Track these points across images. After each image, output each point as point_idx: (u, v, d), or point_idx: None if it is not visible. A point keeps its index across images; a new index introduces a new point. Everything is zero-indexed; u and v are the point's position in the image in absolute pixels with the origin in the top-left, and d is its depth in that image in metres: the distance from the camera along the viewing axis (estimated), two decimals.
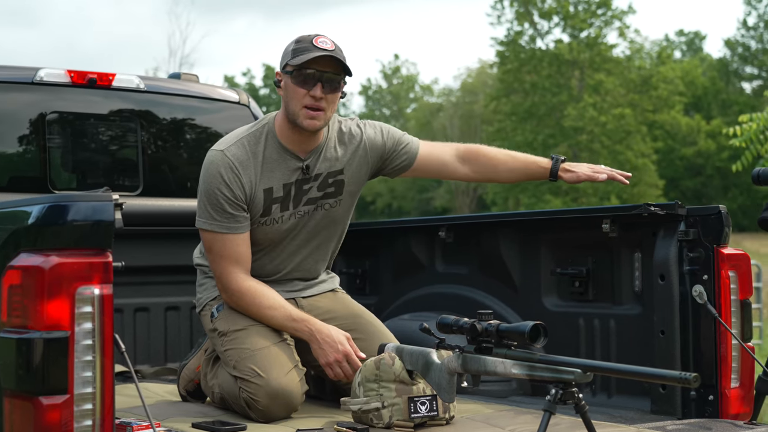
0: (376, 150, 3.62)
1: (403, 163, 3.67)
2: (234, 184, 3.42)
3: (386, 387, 3.18)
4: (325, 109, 3.41)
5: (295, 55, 3.40)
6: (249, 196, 3.44)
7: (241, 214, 3.45)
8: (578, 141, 36.66)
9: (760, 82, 53.14)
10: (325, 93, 3.39)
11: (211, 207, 3.44)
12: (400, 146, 3.65)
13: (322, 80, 3.38)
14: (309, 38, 3.41)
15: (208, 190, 3.44)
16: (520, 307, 4.15)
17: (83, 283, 2.47)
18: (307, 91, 3.38)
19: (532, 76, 38.25)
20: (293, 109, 3.42)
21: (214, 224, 3.44)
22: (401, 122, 56.77)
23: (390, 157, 3.64)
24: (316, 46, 3.37)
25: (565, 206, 33.99)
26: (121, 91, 4.71)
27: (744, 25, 55.64)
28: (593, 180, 3.67)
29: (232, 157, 3.44)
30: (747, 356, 3.49)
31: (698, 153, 45.38)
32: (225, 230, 3.44)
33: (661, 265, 3.56)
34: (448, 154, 3.73)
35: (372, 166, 3.63)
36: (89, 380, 2.48)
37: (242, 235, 3.47)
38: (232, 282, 3.45)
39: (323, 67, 3.38)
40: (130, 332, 4.65)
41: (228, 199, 3.42)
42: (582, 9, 38.97)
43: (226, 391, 3.47)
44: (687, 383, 2.35)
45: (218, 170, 3.42)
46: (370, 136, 3.62)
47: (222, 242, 3.45)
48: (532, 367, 2.71)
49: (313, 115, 3.40)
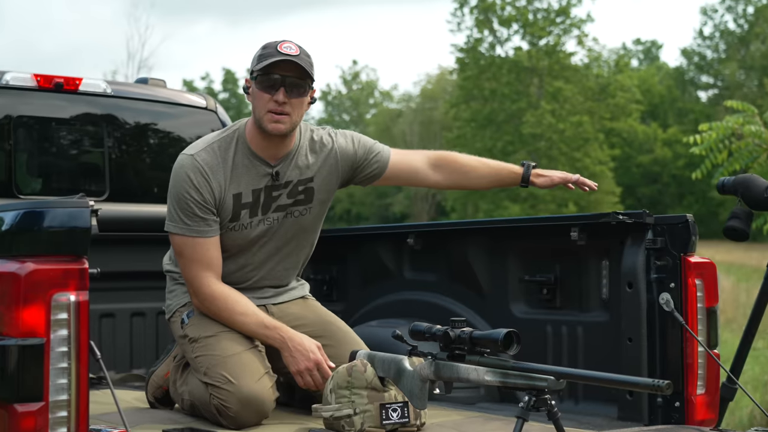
0: (347, 159, 3.63)
1: (374, 172, 3.68)
2: (204, 188, 3.42)
3: (358, 394, 3.19)
4: (289, 113, 3.42)
5: (260, 60, 3.42)
6: (218, 200, 3.44)
7: (211, 218, 3.45)
8: (537, 148, 36.87)
9: (715, 90, 53.81)
10: (289, 97, 3.40)
11: (181, 211, 3.43)
12: (371, 155, 3.66)
13: (285, 84, 3.39)
14: (274, 44, 3.43)
15: (178, 194, 3.44)
16: (488, 314, 4.17)
17: (59, 289, 2.46)
18: (271, 96, 3.40)
19: (491, 83, 38.42)
20: (259, 114, 3.43)
21: (184, 228, 3.44)
22: (361, 128, 56.80)
23: (361, 166, 3.66)
24: (280, 51, 3.39)
25: (524, 213, 34.18)
26: (88, 95, 4.68)
27: (700, 35, 56.34)
28: (566, 181, 3.67)
29: (202, 161, 3.44)
30: (713, 363, 3.54)
31: (655, 161, 45.85)
32: (195, 234, 3.43)
33: (628, 273, 3.60)
34: (420, 162, 3.75)
35: (342, 175, 3.64)
36: (64, 387, 2.47)
37: (212, 239, 3.46)
38: (203, 287, 3.45)
39: (286, 72, 3.39)
40: (96, 338, 4.60)
41: (198, 202, 3.41)
42: (541, 17, 39.21)
43: (196, 398, 3.46)
44: (660, 390, 2.39)
45: (188, 174, 3.42)
46: (341, 144, 3.63)
47: (192, 247, 3.44)
48: (506, 374, 2.73)
49: (277, 119, 3.41)
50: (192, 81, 61.07)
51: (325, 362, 3.42)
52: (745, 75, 50.91)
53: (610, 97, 39.99)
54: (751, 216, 3.96)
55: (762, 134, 7.23)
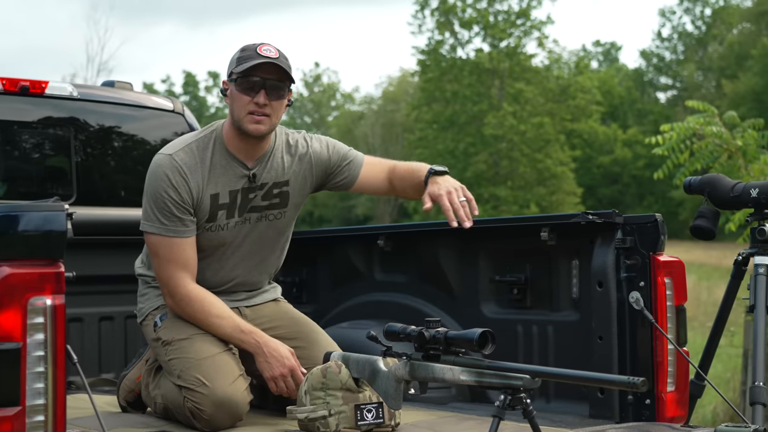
0: (321, 164, 3.63)
1: (345, 180, 3.67)
2: (182, 187, 3.41)
3: (333, 395, 3.20)
4: (270, 114, 3.42)
5: (240, 63, 3.42)
6: (196, 200, 3.44)
7: (188, 218, 3.44)
8: (498, 149, 37.02)
9: (674, 92, 54.38)
10: (269, 100, 3.41)
11: (158, 210, 3.42)
12: (344, 162, 3.66)
13: (266, 87, 3.40)
14: (254, 47, 3.43)
15: (155, 193, 3.43)
16: (459, 315, 4.19)
17: (35, 293, 2.45)
18: (251, 98, 3.40)
19: (453, 85, 38.50)
20: (239, 116, 3.43)
21: (161, 228, 3.43)
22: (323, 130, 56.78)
23: (334, 172, 3.65)
24: (260, 54, 3.40)
25: (486, 214, 34.28)
26: (54, 98, 4.65)
27: (659, 37, 56.94)
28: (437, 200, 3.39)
29: (180, 161, 3.43)
30: (682, 361, 3.59)
31: (615, 161, 46.18)
32: (172, 234, 3.43)
33: (598, 273, 3.63)
34: (388, 173, 3.69)
35: (316, 180, 3.65)
36: (41, 392, 2.45)
37: (189, 239, 3.46)
38: (179, 287, 3.44)
39: (266, 74, 3.40)
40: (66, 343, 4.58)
41: (175, 202, 3.41)
42: (502, 19, 39.36)
43: (169, 401, 3.45)
44: (635, 387, 2.42)
45: (166, 174, 3.42)
46: (316, 149, 3.63)
47: (169, 247, 3.43)
48: (481, 374, 2.76)
49: (258, 120, 3.41)
50: (152, 84, 60.79)
51: (298, 368, 3.42)
52: (703, 76, 51.47)
53: (570, 99, 40.24)
54: (717, 215, 4.01)
55: (722, 135, 7.33)
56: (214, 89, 64.74)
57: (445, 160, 37.60)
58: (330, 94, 64.15)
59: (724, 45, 48.58)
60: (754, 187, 3.91)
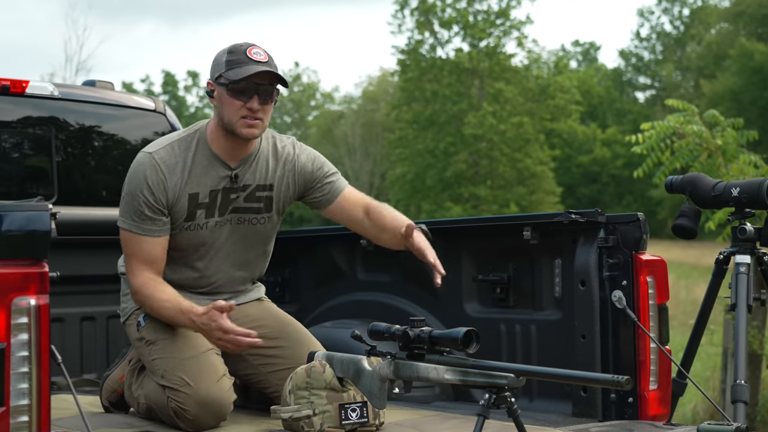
0: (304, 175, 3.61)
1: (322, 197, 3.63)
2: (157, 187, 3.41)
3: (317, 394, 3.20)
4: (262, 118, 3.43)
5: (230, 67, 3.39)
6: (173, 199, 3.44)
7: (160, 218, 3.44)
8: (478, 149, 37.08)
9: (653, 91, 54.59)
10: (261, 105, 3.40)
11: (132, 208, 3.44)
12: (326, 180, 3.63)
13: (259, 92, 3.39)
14: (242, 49, 3.40)
15: (132, 191, 3.44)
16: (442, 314, 4.20)
17: (19, 293, 2.44)
18: (244, 103, 3.39)
19: (432, 85, 38.52)
20: (230, 119, 3.42)
21: (132, 225, 3.44)
22: (302, 130, 56.77)
23: (313, 187, 3.63)
24: (251, 58, 3.37)
25: (466, 214, 34.34)
26: (35, 98, 4.63)
27: (637, 36, 57.16)
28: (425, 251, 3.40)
29: (159, 159, 3.43)
30: (664, 359, 3.61)
31: (594, 161, 46.33)
32: (141, 232, 3.43)
33: (581, 271, 3.65)
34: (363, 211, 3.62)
35: (297, 189, 3.63)
36: (25, 392, 2.45)
37: (158, 239, 3.45)
38: (135, 278, 3.45)
39: (259, 80, 3.39)
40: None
41: (149, 202, 3.41)
42: (481, 19, 39.42)
43: (153, 401, 3.44)
44: (619, 386, 2.43)
45: (144, 172, 3.42)
46: (302, 160, 3.62)
47: (137, 243, 3.44)
48: (466, 373, 2.76)
49: (251, 124, 3.41)
50: (132, 83, 60.52)
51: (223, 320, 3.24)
52: (682, 76, 51.72)
53: (550, 98, 40.33)
54: (699, 214, 4.04)
55: (702, 134, 7.36)
56: (194, 89, 64.58)
57: (425, 160, 37.68)
58: (310, 93, 64.06)
59: (702, 45, 48.82)
60: (735, 186, 3.94)
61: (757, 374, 7.54)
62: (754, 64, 38.02)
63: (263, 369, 3.58)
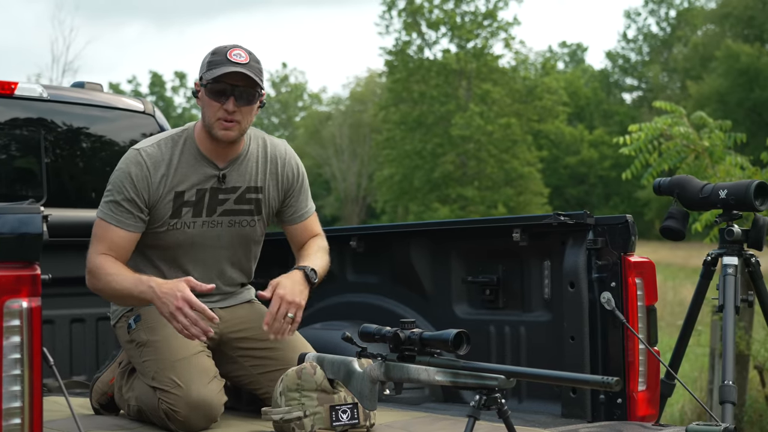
0: (286, 185, 3.65)
1: (283, 215, 3.69)
2: (141, 183, 3.43)
3: (308, 396, 3.21)
4: (239, 120, 3.44)
5: (210, 68, 3.42)
6: (156, 196, 3.45)
7: (137, 214, 3.45)
8: (466, 150, 37.13)
9: (639, 93, 54.76)
10: (238, 106, 3.41)
11: (111, 198, 3.46)
12: (293, 200, 3.68)
13: (235, 94, 3.40)
14: (224, 50, 3.43)
15: (115, 183, 3.47)
16: (431, 316, 4.21)
17: (11, 296, 2.44)
18: (221, 105, 3.41)
19: (420, 86, 38.57)
20: (209, 121, 3.45)
21: (107, 214, 3.45)
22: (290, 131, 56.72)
23: (285, 200, 3.67)
24: (230, 59, 3.39)
25: (453, 214, 34.38)
26: (24, 99, 4.62)
27: (624, 38, 57.36)
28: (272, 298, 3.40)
29: (146, 155, 3.45)
30: (653, 360, 3.62)
31: (581, 162, 46.41)
32: (114, 222, 3.44)
33: (570, 273, 3.66)
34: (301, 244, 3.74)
35: (280, 196, 3.66)
36: (17, 394, 2.45)
37: (128, 233, 3.45)
38: (91, 260, 3.42)
39: (236, 81, 3.40)
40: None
41: (129, 195, 3.43)
42: (469, 20, 39.50)
43: (143, 403, 3.45)
44: (609, 387, 2.45)
45: (129, 168, 3.45)
46: (289, 172, 3.65)
47: (105, 229, 3.45)
48: (456, 374, 2.78)
49: (227, 126, 3.43)
50: (119, 84, 60.38)
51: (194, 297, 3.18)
52: (668, 77, 51.88)
53: (537, 99, 40.41)
54: (687, 216, 4.06)
55: (690, 135, 7.39)
56: (181, 89, 64.43)
57: (413, 161, 37.71)
58: (297, 94, 64.02)
59: (688, 46, 48.94)
60: (723, 188, 3.96)
61: (744, 375, 7.56)
62: (740, 66, 38.13)
63: (254, 371, 3.59)
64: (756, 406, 7.59)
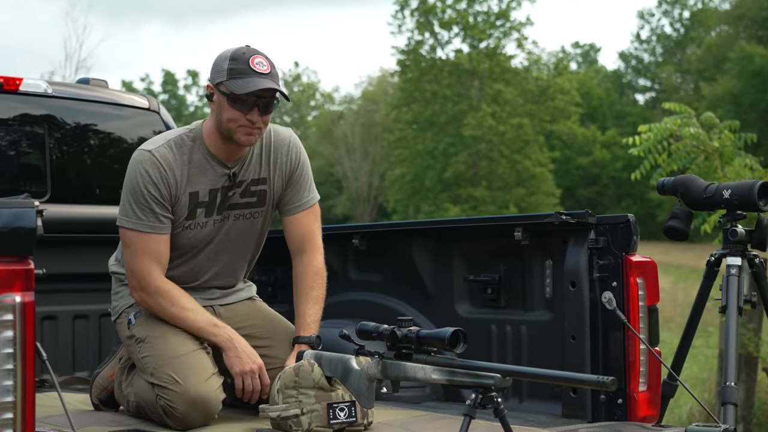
0: (288, 171, 3.62)
1: (282, 203, 3.65)
2: (161, 183, 3.41)
3: (305, 393, 3.20)
4: (261, 127, 3.43)
5: (232, 76, 3.35)
6: (174, 197, 3.44)
7: (166, 214, 3.44)
8: (477, 150, 37.10)
9: (652, 94, 54.60)
10: (261, 116, 3.40)
11: (136, 206, 3.41)
12: (296, 191, 3.64)
13: (259, 105, 3.38)
14: (245, 58, 3.36)
15: (134, 188, 3.42)
16: (433, 314, 4.20)
17: (4, 290, 2.43)
18: (244, 114, 3.38)
19: (432, 86, 38.56)
20: (228, 127, 3.41)
21: (138, 224, 3.42)
22: (302, 130, 56.71)
23: (286, 190, 3.64)
24: (254, 69, 3.34)
25: (464, 214, 34.34)
26: (29, 95, 4.63)
27: (637, 38, 57.23)
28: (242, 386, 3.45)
29: (160, 157, 3.43)
30: (654, 360, 3.60)
31: (594, 163, 46.31)
32: (149, 230, 3.42)
33: (571, 273, 3.65)
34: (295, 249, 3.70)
35: (284, 182, 3.64)
36: (10, 389, 2.44)
37: (164, 236, 3.46)
38: (153, 279, 3.43)
39: (261, 94, 3.37)
40: (37, 341, 4.56)
41: (155, 197, 3.41)
42: (481, 20, 39.46)
43: (142, 399, 3.44)
44: (605, 387, 2.43)
45: (146, 169, 3.41)
46: (291, 157, 3.62)
47: (145, 240, 3.43)
48: (453, 373, 2.76)
49: (250, 132, 3.41)
50: (131, 82, 60.49)
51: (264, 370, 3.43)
52: (682, 78, 51.68)
53: (549, 100, 40.36)
54: (690, 216, 4.04)
55: (699, 136, 7.35)
56: (194, 88, 64.54)
57: (424, 161, 37.70)
58: (309, 93, 64.03)
59: (702, 47, 48.78)
60: (727, 189, 3.94)
61: (753, 377, 7.53)
62: (754, 67, 38.00)
63: None
64: (765, 408, 7.56)
